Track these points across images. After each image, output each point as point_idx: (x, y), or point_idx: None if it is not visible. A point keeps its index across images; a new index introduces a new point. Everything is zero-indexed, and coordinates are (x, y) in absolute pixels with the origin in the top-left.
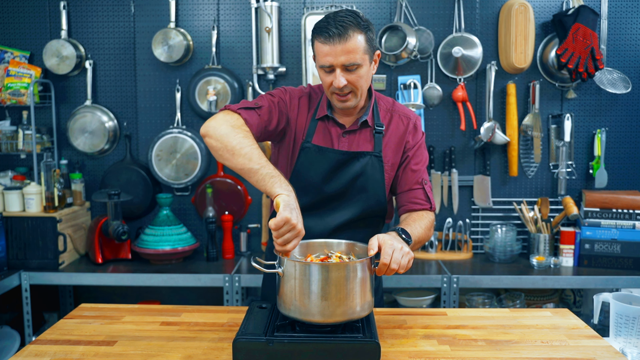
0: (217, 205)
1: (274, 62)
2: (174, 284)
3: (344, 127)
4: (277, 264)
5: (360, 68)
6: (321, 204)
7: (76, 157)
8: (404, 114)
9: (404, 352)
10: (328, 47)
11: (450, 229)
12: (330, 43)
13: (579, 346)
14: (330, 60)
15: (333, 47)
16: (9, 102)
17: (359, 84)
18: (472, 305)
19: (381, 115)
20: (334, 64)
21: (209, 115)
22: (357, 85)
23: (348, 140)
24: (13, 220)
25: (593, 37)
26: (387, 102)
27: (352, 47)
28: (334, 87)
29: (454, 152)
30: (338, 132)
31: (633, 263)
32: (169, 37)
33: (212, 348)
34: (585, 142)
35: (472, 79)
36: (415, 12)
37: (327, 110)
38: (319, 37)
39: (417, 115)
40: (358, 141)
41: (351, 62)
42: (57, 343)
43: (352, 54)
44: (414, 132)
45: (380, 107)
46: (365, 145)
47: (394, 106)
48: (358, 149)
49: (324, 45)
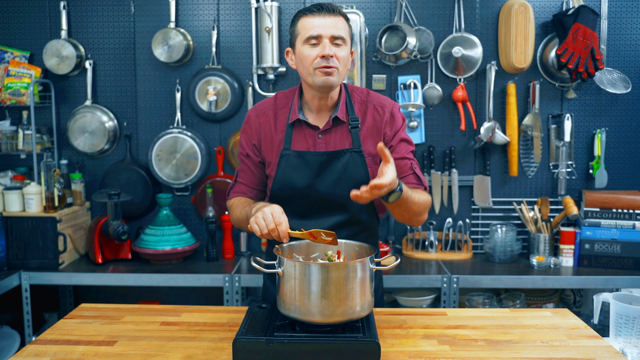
0: (217, 205)
1: (274, 62)
2: (174, 284)
3: (318, 128)
4: (277, 264)
5: (345, 45)
6: (312, 208)
7: (76, 157)
8: (379, 103)
9: (404, 352)
10: (318, 19)
11: (450, 229)
12: (321, 15)
13: (579, 346)
14: (319, 31)
15: (323, 19)
16: (9, 102)
17: (344, 61)
18: (472, 305)
19: (356, 108)
20: (322, 34)
21: (209, 115)
22: (342, 62)
23: (325, 140)
24: (13, 220)
25: (593, 37)
26: (361, 94)
27: (340, 24)
28: (320, 58)
29: (454, 152)
30: (313, 134)
31: (633, 263)
32: (169, 37)
33: (212, 348)
34: (585, 142)
35: (472, 79)
36: (415, 12)
37: (299, 113)
38: (307, 13)
39: (393, 102)
40: (335, 140)
41: (339, 35)
42: (57, 343)
43: (340, 29)
44: (392, 121)
45: (355, 100)
46: (342, 142)
47: (369, 96)
48: (336, 147)
49: (313, 18)
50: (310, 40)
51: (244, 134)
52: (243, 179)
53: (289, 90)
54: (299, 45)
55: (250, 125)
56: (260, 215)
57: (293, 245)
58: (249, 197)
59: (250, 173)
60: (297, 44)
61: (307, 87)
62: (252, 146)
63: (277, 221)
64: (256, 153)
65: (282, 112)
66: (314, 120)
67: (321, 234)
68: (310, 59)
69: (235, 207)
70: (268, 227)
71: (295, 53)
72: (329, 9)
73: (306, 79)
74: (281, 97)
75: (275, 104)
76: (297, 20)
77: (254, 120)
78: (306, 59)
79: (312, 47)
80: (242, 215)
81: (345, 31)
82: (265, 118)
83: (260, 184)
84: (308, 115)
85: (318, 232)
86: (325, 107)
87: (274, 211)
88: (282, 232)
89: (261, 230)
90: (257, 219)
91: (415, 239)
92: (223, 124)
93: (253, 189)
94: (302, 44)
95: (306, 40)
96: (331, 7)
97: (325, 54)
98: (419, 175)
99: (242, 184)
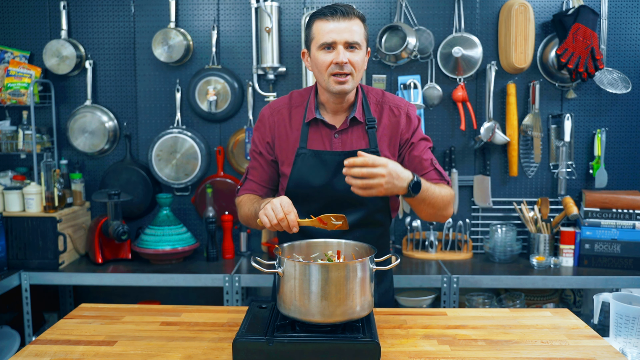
0: (217, 205)
1: (274, 62)
2: (174, 284)
3: (335, 127)
4: (277, 264)
5: (360, 50)
6: (328, 207)
7: (76, 157)
8: (394, 104)
9: (404, 352)
10: (332, 24)
11: (450, 229)
12: (335, 20)
13: (579, 346)
14: (333, 37)
15: (337, 24)
16: (9, 102)
17: (358, 66)
18: (472, 305)
19: (372, 109)
20: (337, 40)
21: (209, 115)
22: (356, 68)
23: (341, 140)
24: (13, 220)
25: (593, 37)
26: (376, 94)
27: (355, 28)
28: (334, 65)
29: (454, 152)
30: (330, 134)
31: (633, 263)
32: (169, 37)
33: (212, 348)
34: (585, 142)
35: (472, 79)
36: (415, 12)
37: (316, 112)
38: (322, 17)
39: (408, 103)
40: (351, 140)
41: (354, 40)
42: (57, 343)
43: (355, 33)
44: (408, 122)
45: (371, 101)
46: (359, 142)
47: (384, 97)
48: (352, 147)
49: (327, 23)
50: (325, 47)
51: (257, 132)
52: (254, 176)
53: (304, 89)
54: (314, 50)
55: (263, 123)
56: (269, 207)
57: (293, 245)
58: (259, 194)
59: (262, 171)
60: (312, 48)
61: (323, 89)
62: (266, 144)
63: (286, 210)
64: (269, 151)
65: (297, 110)
66: (331, 120)
67: (331, 218)
68: (325, 65)
69: (244, 204)
70: (277, 217)
71: (311, 56)
72: (343, 12)
73: (321, 84)
74: (296, 96)
75: (290, 103)
76: (312, 23)
77: (268, 118)
78: (321, 65)
79: (326, 53)
80: (251, 211)
81: (361, 35)
82: (279, 116)
83: (271, 183)
84: (324, 114)
85: (328, 217)
86: (341, 108)
87: (283, 202)
88: (292, 221)
89: (270, 221)
90: (266, 210)
91: (415, 239)
92: (223, 124)
93: (263, 187)
94: (317, 50)
95: (320, 46)
96: (346, 10)
97: (339, 61)
98: (440, 171)
99: (253, 181)
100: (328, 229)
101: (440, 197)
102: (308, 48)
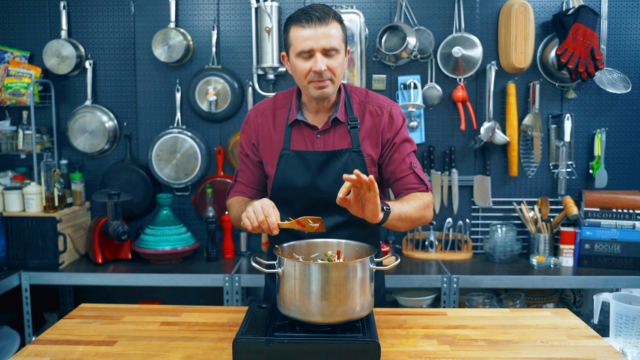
0: (217, 205)
1: (274, 62)
2: (174, 284)
3: (317, 128)
4: (277, 264)
5: (338, 55)
6: (313, 208)
7: (76, 157)
8: (377, 103)
9: (404, 352)
10: (309, 31)
11: (450, 229)
12: (312, 27)
13: (579, 346)
14: (310, 44)
15: (314, 30)
16: (9, 102)
17: (337, 71)
18: (472, 305)
19: (355, 109)
20: (314, 48)
21: (209, 115)
22: (336, 73)
23: (323, 140)
24: (13, 220)
25: (593, 37)
26: (360, 94)
27: (332, 32)
28: (313, 72)
29: (454, 152)
30: (312, 134)
31: (633, 263)
32: (169, 37)
33: (212, 348)
34: (585, 142)
35: (472, 79)
36: (415, 12)
37: (297, 113)
38: (298, 23)
39: (392, 102)
40: (333, 140)
41: (332, 46)
42: (57, 343)
43: (333, 39)
44: (390, 122)
45: (354, 100)
46: (341, 142)
47: (368, 97)
48: (334, 147)
49: (303, 29)
50: (303, 55)
51: (243, 134)
52: (243, 178)
53: (288, 91)
54: (292, 56)
55: (249, 125)
56: (251, 209)
57: (293, 245)
58: (249, 196)
59: (250, 173)
60: (291, 54)
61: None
62: (252, 146)
63: (267, 213)
64: (255, 153)
65: (281, 112)
66: (313, 120)
67: (308, 220)
68: (303, 73)
69: (234, 206)
70: (258, 220)
71: (289, 62)
72: (319, 17)
73: (302, 89)
74: (280, 98)
75: (274, 104)
76: (289, 28)
77: (253, 120)
78: (300, 72)
79: (304, 60)
80: (239, 213)
81: (339, 38)
82: (263, 118)
83: (260, 184)
84: (307, 115)
85: (305, 219)
86: (323, 109)
87: (264, 204)
88: (272, 224)
89: (252, 224)
90: (248, 213)
91: (415, 239)
92: (223, 124)
93: (252, 189)
94: (295, 57)
95: (298, 54)
96: (322, 15)
97: (317, 70)
98: (419, 175)
99: (242, 183)
100: (306, 231)
101: (413, 210)
102: (287, 52)
